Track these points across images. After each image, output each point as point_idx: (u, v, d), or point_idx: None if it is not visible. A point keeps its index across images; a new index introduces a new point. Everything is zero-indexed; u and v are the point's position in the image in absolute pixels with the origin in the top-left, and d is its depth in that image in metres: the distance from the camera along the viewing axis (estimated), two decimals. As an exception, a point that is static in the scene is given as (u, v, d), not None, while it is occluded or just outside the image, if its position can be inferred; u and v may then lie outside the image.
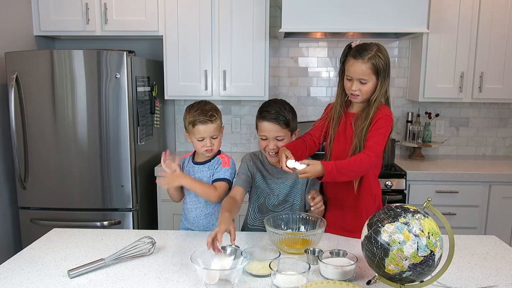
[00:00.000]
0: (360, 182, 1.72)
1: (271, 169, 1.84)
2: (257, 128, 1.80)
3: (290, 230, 1.65)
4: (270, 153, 1.76)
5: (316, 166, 1.55)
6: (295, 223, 1.68)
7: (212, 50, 2.98)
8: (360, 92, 1.66)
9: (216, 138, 1.80)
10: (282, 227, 1.65)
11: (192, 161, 1.88)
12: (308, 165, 1.55)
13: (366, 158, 1.59)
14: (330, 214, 1.80)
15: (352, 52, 1.66)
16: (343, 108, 1.79)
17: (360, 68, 1.63)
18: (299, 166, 1.56)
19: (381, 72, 1.63)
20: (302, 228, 1.66)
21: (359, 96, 1.67)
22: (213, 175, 1.81)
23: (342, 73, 1.74)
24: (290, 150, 1.65)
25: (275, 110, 1.72)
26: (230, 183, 1.79)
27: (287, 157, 1.60)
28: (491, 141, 3.38)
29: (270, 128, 1.72)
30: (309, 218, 1.66)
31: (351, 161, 1.60)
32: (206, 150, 1.80)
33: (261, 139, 1.76)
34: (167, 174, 1.74)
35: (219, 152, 1.88)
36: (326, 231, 1.80)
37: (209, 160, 1.84)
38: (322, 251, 1.44)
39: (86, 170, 2.63)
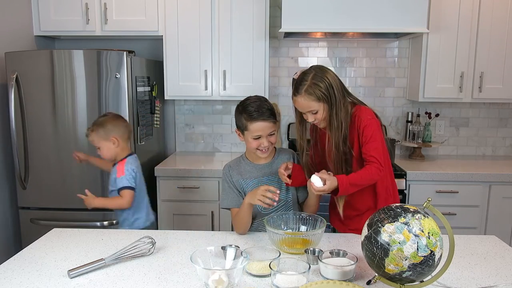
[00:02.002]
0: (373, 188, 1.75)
1: (251, 168, 1.82)
2: (242, 130, 1.74)
3: (290, 230, 1.65)
4: (264, 150, 1.75)
5: (332, 183, 1.57)
6: (295, 223, 1.68)
7: (212, 50, 2.98)
8: (318, 120, 1.68)
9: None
10: (282, 227, 1.65)
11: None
12: (325, 182, 1.56)
13: (376, 172, 1.63)
14: (351, 221, 1.82)
15: (292, 90, 1.68)
16: (317, 132, 1.80)
17: (301, 103, 1.65)
18: (318, 182, 1.57)
19: (324, 97, 1.62)
20: (302, 228, 1.66)
21: (319, 123, 1.70)
22: (115, 184, 2.00)
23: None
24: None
25: (264, 107, 1.69)
26: (130, 187, 1.97)
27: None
28: (491, 141, 3.38)
29: (264, 126, 1.69)
30: (309, 218, 1.66)
31: (363, 176, 1.63)
32: None
33: (254, 139, 1.72)
34: (85, 198, 2.02)
35: (126, 157, 2.05)
36: (350, 232, 1.80)
37: (114, 164, 2.06)
38: (322, 251, 1.44)
39: (86, 170, 2.63)
